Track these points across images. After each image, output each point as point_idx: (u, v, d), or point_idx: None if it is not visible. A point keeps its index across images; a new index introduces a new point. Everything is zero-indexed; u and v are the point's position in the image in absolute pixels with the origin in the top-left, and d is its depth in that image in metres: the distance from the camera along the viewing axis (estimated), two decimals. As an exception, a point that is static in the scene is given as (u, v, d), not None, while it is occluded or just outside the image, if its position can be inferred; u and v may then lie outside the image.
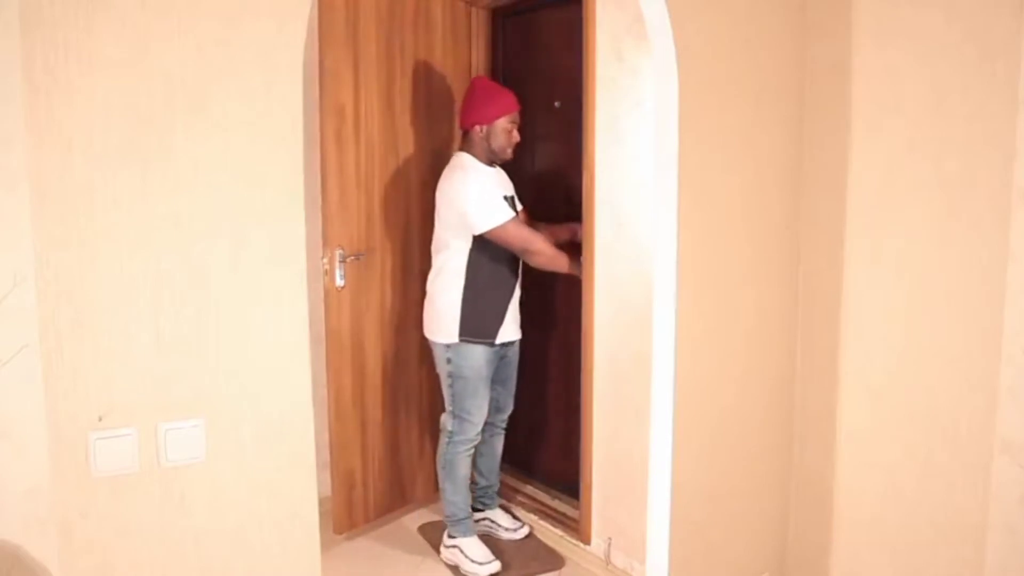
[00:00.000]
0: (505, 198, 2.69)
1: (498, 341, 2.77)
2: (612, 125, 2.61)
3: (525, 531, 3.03)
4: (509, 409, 3.03)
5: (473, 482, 3.01)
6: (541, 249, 2.65)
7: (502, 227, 2.59)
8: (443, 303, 2.72)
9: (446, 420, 2.86)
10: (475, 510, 3.00)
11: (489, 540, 2.94)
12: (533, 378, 3.26)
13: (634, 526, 2.61)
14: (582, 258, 2.72)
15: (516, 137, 2.74)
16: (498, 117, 2.69)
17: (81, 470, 1.43)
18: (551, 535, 3.02)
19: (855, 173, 2.14)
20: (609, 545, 2.75)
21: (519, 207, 2.81)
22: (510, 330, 2.81)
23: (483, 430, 2.88)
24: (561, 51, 3.04)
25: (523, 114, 2.78)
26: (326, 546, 1.68)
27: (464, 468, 2.86)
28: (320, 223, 2.79)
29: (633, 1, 2.29)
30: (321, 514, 1.72)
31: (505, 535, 3.01)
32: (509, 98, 2.74)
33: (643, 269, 2.45)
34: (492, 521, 3.05)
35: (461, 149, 2.76)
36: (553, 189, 3.15)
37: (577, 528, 2.91)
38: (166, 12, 1.42)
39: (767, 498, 2.37)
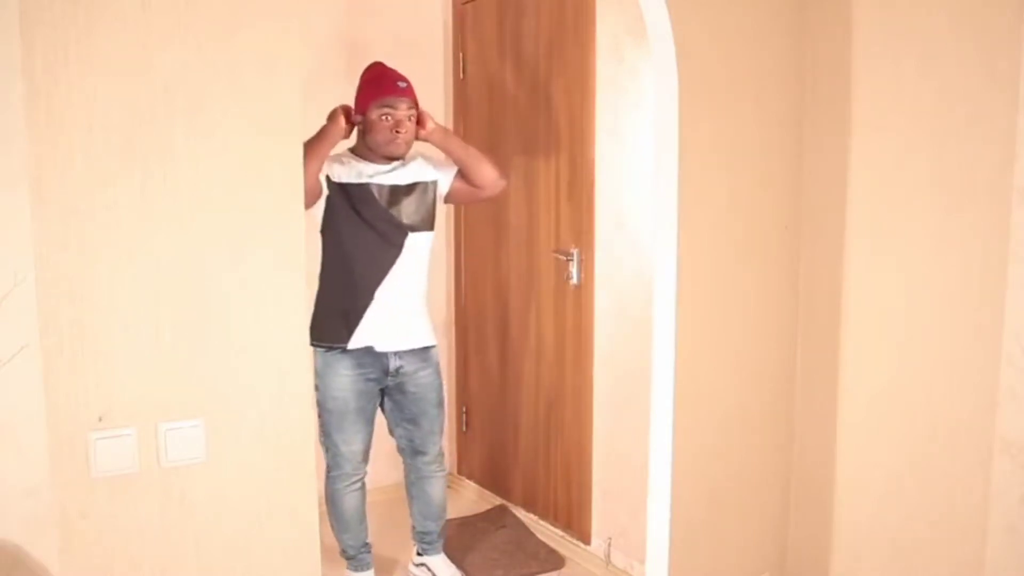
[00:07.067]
0: (344, 184, 2.31)
1: (352, 345, 2.35)
2: (612, 125, 2.61)
3: None
4: (432, 449, 2.59)
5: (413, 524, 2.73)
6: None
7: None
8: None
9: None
10: (417, 553, 2.76)
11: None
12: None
13: (634, 526, 2.61)
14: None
15: (398, 129, 2.31)
16: (367, 107, 2.32)
17: (81, 470, 1.43)
18: (551, 535, 3.02)
19: (855, 173, 2.14)
20: (609, 545, 2.75)
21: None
22: (377, 334, 2.36)
23: (406, 472, 2.63)
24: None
25: (416, 103, 2.35)
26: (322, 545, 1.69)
27: (349, 504, 2.51)
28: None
29: (633, 1, 2.29)
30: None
31: None
32: (384, 83, 2.33)
33: (643, 269, 2.45)
34: (429, 568, 2.73)
35: None
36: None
37: (577, 528, 2.91)
38: (167, 12, 1.42)
39: (767, 498, 2.37)
